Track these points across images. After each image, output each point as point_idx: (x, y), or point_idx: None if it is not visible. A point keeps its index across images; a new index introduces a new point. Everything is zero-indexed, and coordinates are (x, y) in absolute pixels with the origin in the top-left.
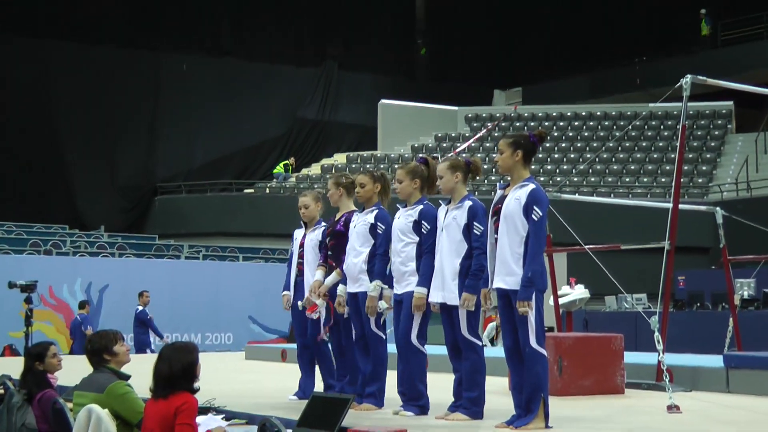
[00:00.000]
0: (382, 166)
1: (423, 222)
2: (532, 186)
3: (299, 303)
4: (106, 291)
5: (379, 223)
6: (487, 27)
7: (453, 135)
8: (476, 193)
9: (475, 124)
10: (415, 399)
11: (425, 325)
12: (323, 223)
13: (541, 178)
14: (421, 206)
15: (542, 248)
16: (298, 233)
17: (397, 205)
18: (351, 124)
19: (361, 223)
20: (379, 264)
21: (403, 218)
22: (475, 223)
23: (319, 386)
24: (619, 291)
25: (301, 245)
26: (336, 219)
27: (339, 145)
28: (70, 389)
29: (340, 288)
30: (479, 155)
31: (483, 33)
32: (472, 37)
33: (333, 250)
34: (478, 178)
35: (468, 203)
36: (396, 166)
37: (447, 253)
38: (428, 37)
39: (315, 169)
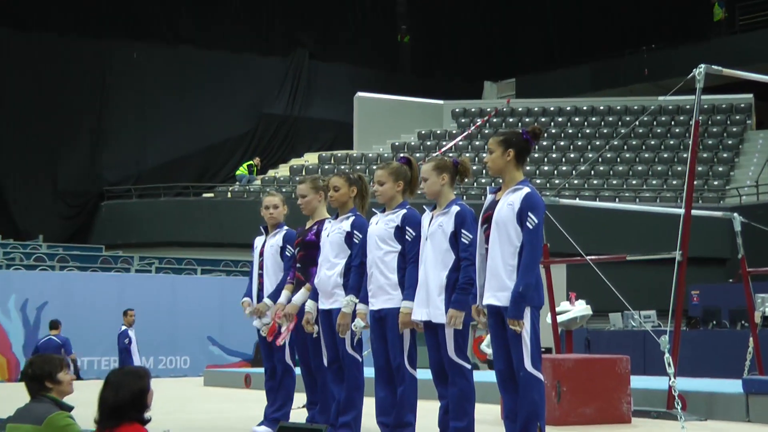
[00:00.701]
0: (358, 167)
1: (407, 228)
2: (526, 189)
3: (247, 310)
4: (44, 309)
5: (356, 232)
6: (476, 12)
7: (438, 132)
8: (464, 197)
9: (463, 120)
10: (401, 428)
11: (414, 345)
12: (285, 227)
13: (537, 181)
14: (404, 210)
15: (538, 259)
16: (259, 241)
17: (374, 209)
18: (324, 121)
19: (335, 231)
20: (354, 277)
21: (383, 224)
22: (463, 231)
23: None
24: (625, 307)
25: (261, 254)
26: (307, 228)
27: (310, 143)
28: (2, 421)
29: (309, 304)
30: (468, 155)
31: (472, 19)
32: (460, 23)
33: (302, 262)
34: (466, 180)
35: (455, 209)
36: (375, 167)
37: (432, 264)
38: (411, 23)
39: (283, 171)
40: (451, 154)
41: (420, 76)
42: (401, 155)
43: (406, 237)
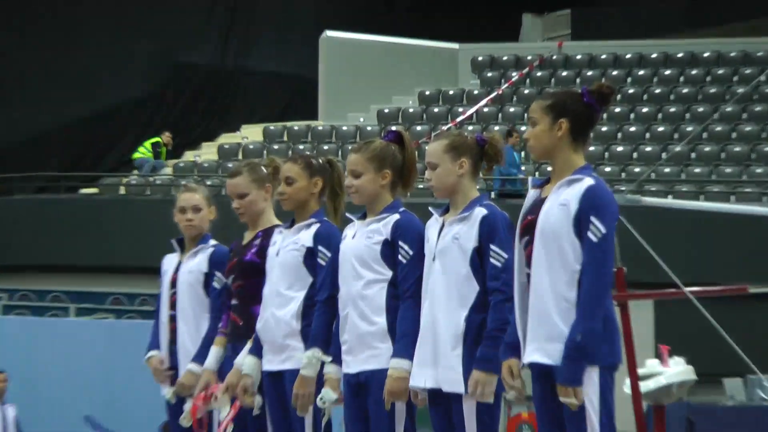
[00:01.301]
0: (326, 147)
1: (401, 243)
2: (588, 181)
3: (166, 392)
4: None
5: (321, 248)
6: None
7: (451, 93)
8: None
9: (489, 74)
10: None
11: (412, 423)
12: (211, 242)
13: (607, 169)
14: (395, 216)
15: (607, 290)
16: (170, 263)
17: (348, 215)
18: (273, 75)
19: (288, 248)
20: (320, 320)
21: (363, 237)
22: (493, 248)
23: None
24: (748, 369)
25: (174, 283)
26: (245, 242)
27: (251, 110)
28: None
29: (249, 362)
30: (497, 128)
31: None
32: None
33: (241, 297)
34: (495, 167)
35: (480, 212)
36: (350, 148)
37: (443, 299)
38: None
39: (208, 153)
40: (471, 127)
41: (423, 9)
42: (390, 129)
43: (400, 257)
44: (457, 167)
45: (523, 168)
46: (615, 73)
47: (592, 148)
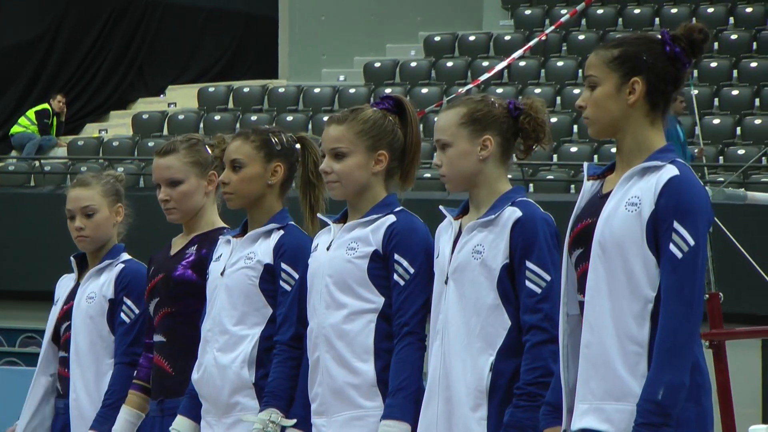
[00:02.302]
0: (290, 118)
1: (397, 258)
2: (671, 170)
3: None
4: None
5: (284, 266)
6: None
7: (471, 39)
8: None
9: (527, 12)
10: None
11: None
12: (123, 256)
13: (696, 150)
14: (391, 217)
15: (696, 327)
16: (65, 285)
17: (320, 216)
18: (212, 14)
19: (238, 264)
20: (281, 368)
21: (343, 248)
22: (530, 266)
23: None
24: None
25: (65, 315)
26: (175, 251)
27: (180, 65)
28: None
29: (181, 425)
30: (537, 92)
31: None
32: None
33: (169, 330)
34: (536, 149)
35: (513, 213)
36: (326, 119)
37: (461, 339)
38: None
39: (118, 126)
40: (500, 90)
41: None
42: (385, 94)
43: (396, 277)
44: (478, 147)
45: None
46: (711, 10)
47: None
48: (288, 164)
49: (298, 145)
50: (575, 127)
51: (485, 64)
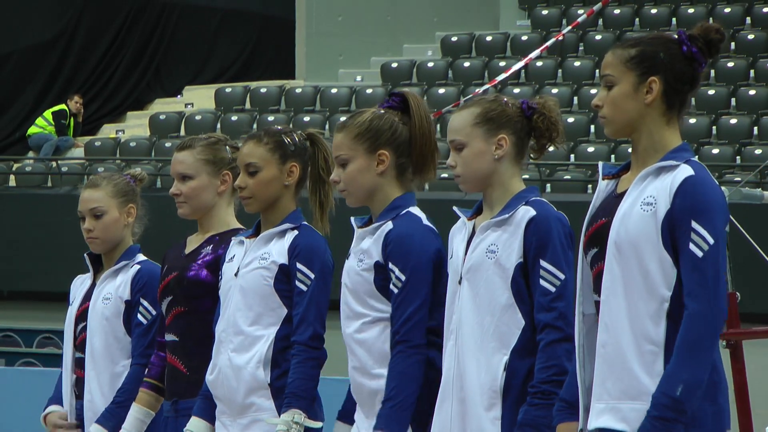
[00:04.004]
0: (307, 119)
1: (391, 267)
2: (686, 170)
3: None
4: None
5: (300, 266)
6: None
7: (488, 40)
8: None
9: (544, 12)
10: None
11: None
12: (138, 257)
13: (714, 151)
14: (389, 225)
15: (718, 326)
16: (80, 286)
17: (353, 217)
18: (229, 15)
19: (252, 265)
20: (302, 367)
21: (355, 260)
22: (544, 265)
23: None
24: None
25: (81, 315)
26: (189, 250)
27: (197, 65)
28: None
29: (195, 426)
30: (554, 92)
31: None
32: None
33: (182, 330)
34: (551, 149)
35: (527, 213)
36: (340, 120)
37: (474, 339)
38: None
39: (136, 126)
40: (517, 90)
41: None
42: (395, 91)
43: (391, 285)
44: (493, 147)
45: None
46: (727, 10)
47: (692, 120)
48: (302, 163)
49: (308, 143)
50: (592, 127)
51: (502, 64)
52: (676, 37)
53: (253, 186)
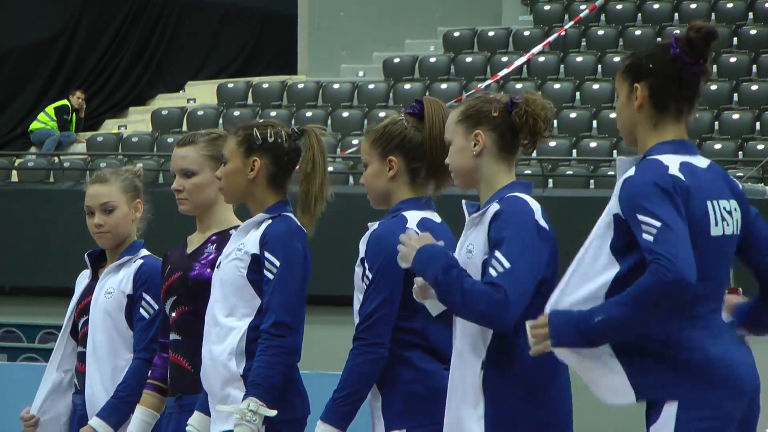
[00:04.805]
0: (309, 114)
1: (366, 264)
2: (495, 207)
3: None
4: None
5: (267, 254)
6: None
7: (491, 35)
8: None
9: (546, 7)
10: None
11: None
12: (142, 253)
13: (717, 146)
14: (376, 224)
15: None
16: (81, 282)
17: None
18: (231, 10)
19: (231, 256)
20: (263, 356)
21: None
22: (496, 254)
23: None
24: None
25: (84, 310)
26: (192, 249)
27: (199, 61)
28: None
29: (195, 419)
30: (556, 87)
31: None
32: None
33: (185, 328)
34: (552, 144)
35: (493, 208)
36: (345, 114)
37: (462, 336)
38: None
39: (138, 122)
40: (519, 85)
41: None
42: (416, 101)
43: (363, 281)
44: (471, 143)
45: None
46: (730, 6)
47: (698, 115)
48: (270, 157)
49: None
50: (594, 122)
51: (504, 59)
52: (670, 41)
53: (224, 177)
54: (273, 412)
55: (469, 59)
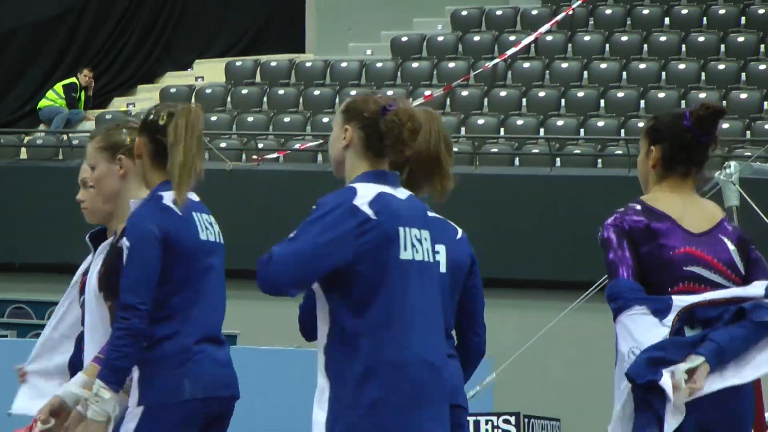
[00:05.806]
0: (317, 92)
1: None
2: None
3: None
4: None
5: (123, 239)
6: None
7: (499, 14)
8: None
9: None
10: None
11: None
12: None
13: (725, 125)
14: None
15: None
16: (86, 264)
17: None
18: None
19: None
20: (113, 338)
21: None
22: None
23: None
24: None
25: (82, 289)
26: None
27: (207, 39)
28: None
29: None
30: (563, 66)
31: None
32: None
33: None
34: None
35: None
36: (353, 92)
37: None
38: None
39: (146, 99)
40: (527, 64)
41: None
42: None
43: None
44: (342, 134)
45: None
46: (722, 12)
47: (702, 95)
48: (147, 135)
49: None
50: (602, 101)
51: (512, 38)
52: (684, 112)
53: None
54: (108, 395)
55: (477, 38)
